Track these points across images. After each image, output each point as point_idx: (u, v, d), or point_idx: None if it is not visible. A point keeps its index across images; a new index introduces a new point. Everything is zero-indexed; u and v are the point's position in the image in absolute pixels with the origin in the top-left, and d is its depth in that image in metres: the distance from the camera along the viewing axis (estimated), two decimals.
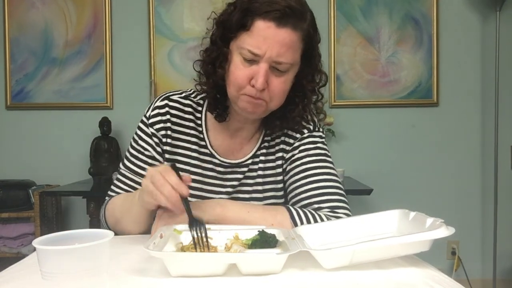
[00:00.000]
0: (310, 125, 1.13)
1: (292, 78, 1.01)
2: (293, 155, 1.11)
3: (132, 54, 2.99)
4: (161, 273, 0.75)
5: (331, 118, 2.84)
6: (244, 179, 1.12)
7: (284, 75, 0.98)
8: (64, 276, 0.61)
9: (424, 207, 0.96)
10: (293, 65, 0.99)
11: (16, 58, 2.99)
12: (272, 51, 0.94)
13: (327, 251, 0.75)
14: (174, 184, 0.86)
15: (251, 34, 0.95)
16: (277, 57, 0.94)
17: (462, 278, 2.89)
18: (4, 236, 2.70)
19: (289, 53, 0.95)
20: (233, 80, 0.98)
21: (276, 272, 0.74)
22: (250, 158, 1.13)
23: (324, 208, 1.03)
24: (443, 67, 2.96)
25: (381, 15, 2.95)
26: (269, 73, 0.96)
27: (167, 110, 1.10)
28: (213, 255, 0.77)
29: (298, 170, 1.08)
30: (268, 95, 0.98)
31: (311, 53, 1.02)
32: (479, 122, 2.98)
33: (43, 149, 3.00)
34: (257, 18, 0.94)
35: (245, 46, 0.95)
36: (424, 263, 0.81)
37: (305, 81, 1.04)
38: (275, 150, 1.14)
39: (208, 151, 1.11)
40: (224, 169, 1.12)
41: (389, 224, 0.90)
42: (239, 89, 0.98)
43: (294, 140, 1.12)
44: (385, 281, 0.72)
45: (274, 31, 0.93)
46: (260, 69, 0.95)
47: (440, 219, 0.79)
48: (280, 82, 0.98)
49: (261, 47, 0.94)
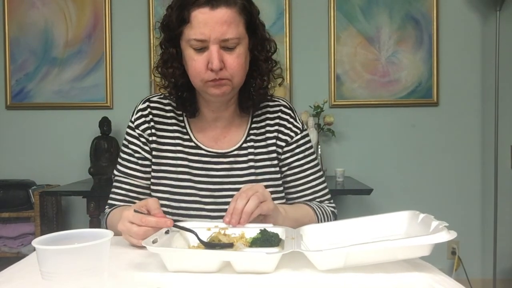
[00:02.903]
0: (298, 123, 1.21)
1: (244, 52, 1.06)
2: (290, 155, 1.18)
3: (132, 54, 2.99)
4: (160, 269, 0.76)
5: (331, 118, 2.84)
6: (231, 170, 1.14)
7: (235, 50, 1.03)
8: (64, 276, 0.61)
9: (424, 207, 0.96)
10: (241, 39, 1.04)
11: (16, 58, 2.99)
12: (215, 33, 1.00)
13: (319, 252, 0.74)
14: (155, 224, 0.88)
15: (191, 26, 1.01)
16: (222, 36, 1.00)
17: (462, 278, 2.89)
18: (4, 236, 2.70)
19: (232, 28, 1.01)
20: (193, 71, 1.05)
21: (268, 271, 0.74)
22: (236, 149, 1.16)
23: (324, 201, 1.21)
24: (443, 67, 2.96)
25: (381, 15, 2.95)
26: (221, 53, 1.02)
27: (149, 111, 1.17)
28: (207, 252, 0.78)
29: (297, 170, 1.19)
30: (228, 73, 1.04)
31: (253, 24, 1.08)
32: (479, 122, 2.98)
33: (43, 149, 3.00)
34: (192, 9, 1.01)
35: (191, 37, 1.02)
36: (424, 264, 0.80)
37: (256, 52, 1.10)
38: (266, 141, 1.18)
39: (193, 144, 1.16)
40: (210, 159, 1.15)
41: (398, 226, 0.88)
42: (201, 78, 1.04)
43: (287, 140, 1.18)
44: (385, 282, 0.72)
45: (210, 14, 1.00)
46: (211, 51, 1.01)
47: (444, 222, 0.77)
48: (234, 57, 1.03)
49: (204, 32, 1.00)
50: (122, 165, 1.19)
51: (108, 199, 1.19)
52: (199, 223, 0.94)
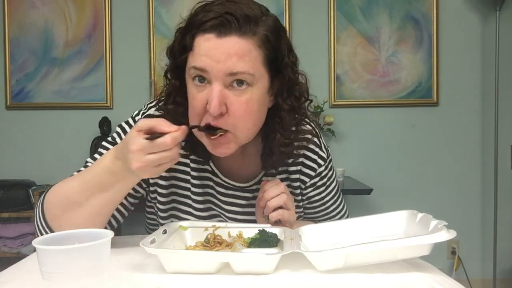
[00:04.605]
0: (323, 152, 1.04)
1: (259, 96, 0.83)
2: (312, 190, 1.06)
3: (132, 54, 2.99)
4: (160, 269, 0.76)
5: (331, 118, 2.84)
6: (248, 206, 1.02)
7: (245, 93, 0.81)
8: (64, 276, 0.61)
9: (424, 207, 0.96)
10: (255, 78, 0.81)
11: (16, 58, 2.99)
12: (220, 65, 0.78)
13: (319, 253, 0.74)
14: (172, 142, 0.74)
15: (193, 53, 0.82)
16: (228, 69, 0.79)
17: (462, 278, 2.89)
18: (4, 236, 2.70)
19: (244, 61, 0.79)
20: (190, 112, 0.84)
21: (268, 272, 0.74)
22: (254, 184, 1.02)
23: None
24: (443, 67, 2.96)
25: (381, 15, 2.95)
26: (225, 94, 0.80)
27: None
28: (206, 253, 0.77)
29: (317, 204, 1.09)
30: (228, 121, 0.81)
31: (279, 62, 0.85)
32: (479, 122, 2.98)
33: (43, 149, 3.00)
34: (196, 34, 0.81)
35: (190, 64, 0.82)
36: (424, 264, 0.80)
37: (280, 99, 0.88)
38: (289, 174, 1.04)
39: (209, 168, 1.00)
40: (225, 190, 1.01)
41: (396, 226, 0.87)
42: (198, 123, 0.83)
43: (311, 174, 1.04)
44: (385, 282, 0.72)
45: (216, 42, 0.79)
46: (212, 89, 0.79)
47: (443, 221, 0.76)
48: (241, 103, 0.81)
49: (205, 60, 0.79)
50: (100, 154, 0.97)
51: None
52: (197, 223, 0.93)
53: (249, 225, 0.92)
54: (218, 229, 0.89)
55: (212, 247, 0.83)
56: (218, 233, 0.88)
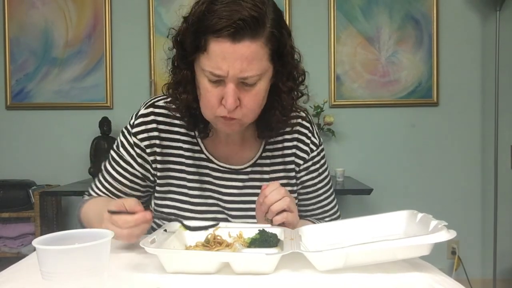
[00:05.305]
0: (315, 138, 1.14)
1: (265, 86, 0.94)
2: (305, 174, 1.14)
3: (132, 54, 2.99)
4: (160, 269, 0.76)
5: (331, 118, 2.84)
6: (244, 188, 1.08)
7: (254, 87, 0.92)
8: (64, 276, 0.61)
9: (424, 207, 0.96)
10: (262, 74, 0.92)
11: (16, 58, 2.99)
12: (234, 69, 0.87)
13: (319, 253, 0.74)
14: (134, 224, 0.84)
15: (208, 56, 0.89)
16: (241, 73, 0.88)
17: (462, 278, 2.89)
18: (4, 236, 2.70)
19: (253, 65, 0.88)
20: (206, 103, 0.94)
21: (268, 272, 0.74)
22: (249, 166, 1.09)
23: (334, 219, 1.19)
24: (443, 67, 2.96)
25: (381, 15, 2.95)
26: (238, 90, 0.91)
27: (153, 118, 1.06)
28: (206, 254, 0.77)
29: (310, 190, 1.15)
30: (241, 112, 0.93)
31: (281, 52, 0.94)
32: (479, 122, 2.98)
33: (43, 149, 3.00)
34: (210, 37, 0.87)
35: (206, 68, 0.89)
36: (424, 264, 0.80)
37: (280, 83, 0.98)
38: (284, 158, 1.11)
39: (204, 156, 1.08)
40: (221, 174, 1.08)
41: (396, 226, 0.87)
42: (213, 112, 0.94)
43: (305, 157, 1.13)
44: (385, 282, 0.72)
45: (230, 48, 0.86)
46: (227, 89, 0.89)
47: (443, 221, 0.76)
48: (252, 96, 0.92)
49: (222, 67, 0.87)
50: (110, 164, 1.10)
51: (89, 188, 1.14)
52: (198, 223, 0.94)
53: (249, 225, 0.92)
54: (218, 229, 0.89)
55: (212, 247, 0.83)
56: (218, 233, 0.88)
